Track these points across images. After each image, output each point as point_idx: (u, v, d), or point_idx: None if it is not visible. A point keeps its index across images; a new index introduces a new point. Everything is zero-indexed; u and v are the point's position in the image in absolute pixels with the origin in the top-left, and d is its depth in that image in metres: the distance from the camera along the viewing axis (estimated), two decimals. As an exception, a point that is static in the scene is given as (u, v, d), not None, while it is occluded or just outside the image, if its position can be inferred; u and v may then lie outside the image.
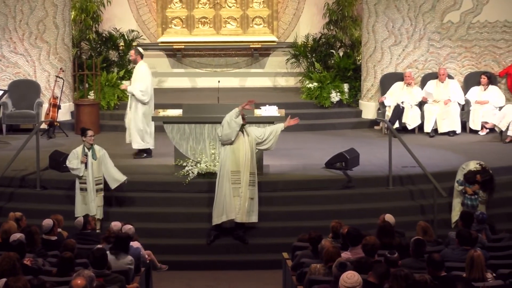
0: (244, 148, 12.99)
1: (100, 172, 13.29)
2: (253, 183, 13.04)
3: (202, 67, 20.39)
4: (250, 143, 13.04)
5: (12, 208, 12.97)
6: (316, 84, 18.65)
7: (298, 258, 10.63)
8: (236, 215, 12.99)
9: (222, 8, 20.15)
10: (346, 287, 8.31)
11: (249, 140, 13.05)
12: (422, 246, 9.91)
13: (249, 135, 13.08)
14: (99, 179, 13.29)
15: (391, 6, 17.91)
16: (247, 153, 12.99)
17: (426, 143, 16.58)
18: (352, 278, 8.36)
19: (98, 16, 19.54)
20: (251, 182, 13.01)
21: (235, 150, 13.00)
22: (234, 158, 12.97)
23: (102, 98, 18.10)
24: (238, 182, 12.95)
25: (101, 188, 13.29)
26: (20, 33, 17.72)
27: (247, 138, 13.05)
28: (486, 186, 13.36)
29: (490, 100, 17.46)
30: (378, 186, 14.23)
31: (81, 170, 13.19)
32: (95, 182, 13.20)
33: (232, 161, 12.98)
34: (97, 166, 13.27)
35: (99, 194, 13.26)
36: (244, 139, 13.03)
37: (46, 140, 16.66)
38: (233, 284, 12.50)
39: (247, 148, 13.01)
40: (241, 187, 12.94)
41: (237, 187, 12.95)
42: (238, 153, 12.98)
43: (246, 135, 13.06)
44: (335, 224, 11.19)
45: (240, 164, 12.95)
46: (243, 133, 13.05)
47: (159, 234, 13.33)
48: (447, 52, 18.14)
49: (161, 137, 15.49)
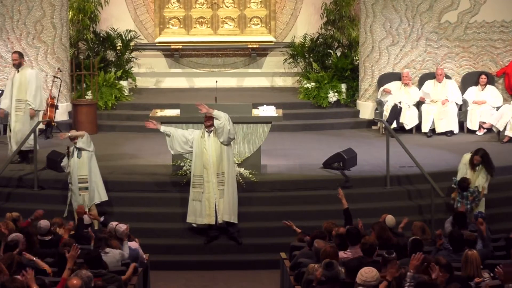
0: (209, 150, 12.92)
1: (83, 170, 13.17)
2: (223, 183, 12.96)
3: (200, 67, 20.37)
4: (215, 143, 12.94)
5: (9, 208, 12.93)
6: (314, 84, 18.63)
7: (296, 258, 10.62)
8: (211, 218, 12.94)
9: (220, 8, 20.13)
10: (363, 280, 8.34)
11: (216, 140, 12.95)
12: (419, 246, 9.92)
13: (216, 135, 12.99)
14: (84, 178, 13.18)
15: (389, 6, 17.89)
16: (212, 155, 12.92)
17: (423, 143, 16.56)
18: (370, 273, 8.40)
19: (96, 16, 19.51)
20: (220, 182, 12.95)
21: (198, 153, 12.97)
22: (198, 162, 12.95)
23: (100, 98, 18.07)
24: (200, 186, 12.93)
25: (85, 187, 13.19)
26: (17, 33, 17.68)
27: (212, 139, 12.95)
28: (485, 160, 13.44)
29: (488, 100, 17.44)
30: (375, 186, 14.23)
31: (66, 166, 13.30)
32: (78, 180, 13.13)
33: (195, 166, 12.98)
34: (81, 165, 13.14)
35: (83, 193, 13.17)
36: (209, 141, 12.95)
37: (43, 140, 16.62)
38: (230, 284, 12.48)
39: (212, 149, 12.93)
40: (205, 190, 12.89)
41: (199, 191, 12.94)
42: (202, 156, 12.93)
43: (214, 135, 12.97)
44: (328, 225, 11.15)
45: (203, 167, 12.91)
46: (209, 134, 12.97)
47: (156, 234, 13.31)
48: (445, 52, 18.12)
49: (158, 137, 15.45)
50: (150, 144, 16.37)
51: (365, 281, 8.36)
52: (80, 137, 13.18)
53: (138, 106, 18.34)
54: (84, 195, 13.13)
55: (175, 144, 13.15)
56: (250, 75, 20.32)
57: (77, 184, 13.11)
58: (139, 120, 17.61)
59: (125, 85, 18.90)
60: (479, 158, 13.49)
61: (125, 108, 18.47)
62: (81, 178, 13.14)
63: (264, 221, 13.48)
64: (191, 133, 13.17)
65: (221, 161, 12.93)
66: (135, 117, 17.93)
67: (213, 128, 12.96)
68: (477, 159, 13.50)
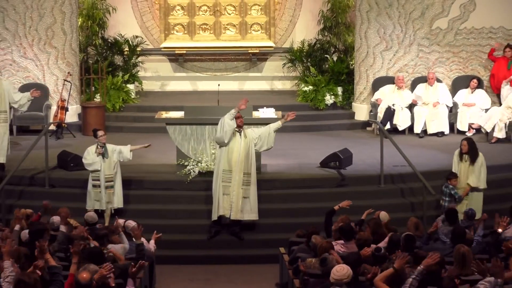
0: (238, 149, 12.95)
1: (111, 170, 13.28)
2: (248, 183, 12.99)
3: (203, 71, 20.37)
4: (246, 144, 12.99)
5: (22, 205, 12.94)
6: (312, 87, 18.63)
7: (294, 253, 10.63)
8: (229, 212, 12.97)
9: (222, 15, 20.13)
10: (335, 279, 8.28)
11: (246, 141, 13.00)
12: (412, 242, 9.92)
13: (246, 137, 13.04)
14: (110, 177, 13.28)
15: (383, 13, 17.90)
16: (241, 154, 12.95)
17: (416, 144, 16.57)
18: (341, 271, 8.33)
19: (104, 22, 19.51)
20: (245, 182, 12.96)
21: (229, 150, 12.98)
22: (228, 158, 12.96)
23: (108, 101, 18.08)
24: (228, 181, 12.93)
25: (111, 186, 13.28)
26: (29, 39, 17.70)
27: (243, 139, 13.00)
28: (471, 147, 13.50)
29: (477, 102, 17.45)
30: (370, 184, 14.24)
31: (98, 163, 13.27)
32: (105, 179, 13.21)
33: (225, 161, 12.97)
34: (108, 165, 13.26)
35: (109, 191, 13.25)
36: (239, 140, 12.99)
37: (54, 140, 16.63)
38: (231, 278, 12.49)
39: (242, 150, 12.96)
40: (232, 186, 12.90)
41: (227, 185, 12.94)
42: (232, 154, 12.96)
43: (244, 136, 13.02)
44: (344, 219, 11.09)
45: (232, 164, 12.93)
46: (240, 134, 13.01)
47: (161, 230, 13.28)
48: (436, 57, 18.13)
49: (163, 137, 15.48)
50: (155, 144, 16.35)
51: (337, 279, 8.27)
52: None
53: (144, 108, 18.34)
54: (110, 193, 13.25)
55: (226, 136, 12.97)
56: (250, 78, 20.32)
57: (105, 182, 13.24)
58: (145, 122, 17.67)
59: (132, 88, 18.90)
60: (465, 143, 13.51)
61: (132, 110, 18.48)
62: (108, 177, 13.29)
63: (264, 218, 13.48)
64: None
65: (248, 162, 12.96)
66: (141, 119, 17.96)
67: (243, 129, 12.99)
68: (464, 144, 13.51)
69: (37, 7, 17.61)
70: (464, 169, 13.50)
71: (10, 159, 14.65)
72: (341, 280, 8.24)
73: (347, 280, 8.26)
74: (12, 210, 13.32)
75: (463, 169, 13.51)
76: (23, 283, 7.86)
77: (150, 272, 11.20)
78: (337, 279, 8.25)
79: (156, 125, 16.01)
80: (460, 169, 13.53)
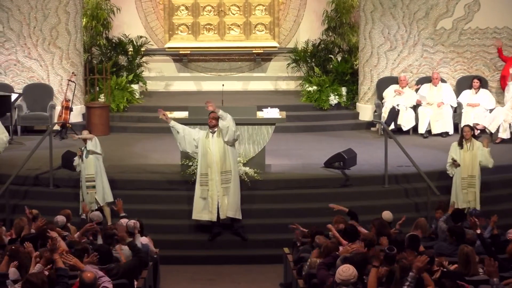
0: (212, 150, 12.90)
1: (90, 170, 13.19)
2: (227, 181, 12.94)
3: (207, 71, 20.35)
4: (219, 143, 12.91)
5: (26, 205, 12.90)
6: (316, 87, 18.60)
7: (298, 253, 10.59)
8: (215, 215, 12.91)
9: (226, 15, 20.10)
10: (341, 279, 8.26)
11: (219, 140, 12.91)
12: (416, 242, 9.88)
13: (220, 136, 12.96)
14: (91, 177, 13.19)
15: (387, 14, 17.86)
16: (216, 155, 12.89)
17: (420, 144, 16.53)
18: (347, 271, 8.31)
19: (108, 23, 19.50)
20: (224, 181, 12.92)
21: (203, 153, 12.96)
22: (203, 161, 12.94)
23: (112, 101, 18.06)
24: (206, 184, 12.91)
25: (93, 186, 13.19)
26: (34, 39, 17.69)
27: (216, 139, 12.92)
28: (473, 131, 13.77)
29: (481, 103, 17.40)
30: (374, 184, 14.20)
31: (77, 165, 13.31)
32: (85, 179, 13.15)
33: (201, 165, 12.96)
34: (88, 165, 13.19)
35: (90, 191, 13.17)
36: (212, 141, 12.93)
37: (58, 140, 16.61)
38: (235, 278, 12.46)
39: (216, 150, 12.90)
40: (211, 188, 12.87)
41: (205, 189, 12.91)
42: (206, 156, 12.92)
43: (217, 136, 12.95)
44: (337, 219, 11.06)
45: (207, 166, 12.89)
46: (213, 135, 12.96)
47: (165, 230, 13.30)
48: (440, 57, 18.08)
49: (168, 138, 15.44)
50: (159, 144, 16.36)
51: (343, 280, 8.25)
52: (88, 140, 13.23)
53: (149, 108, 18.31)
54: (91, 193, 13.14)
55: (184, 142, 13.15)
56: (255, 79, 20.29)
57: (85, 182, 13.15)
58: (149, 122, 17.64)
59: (136, 89, 18.88)
60: (468, 129, 13.52)
61: (136, 110, 18.46)
62: (88, 177, 13.17)
63: (268, 218, 13.46)
64: (197, 133, 13.16)
65: (225, 161, 12.91)
66: (145, 119, 17.93)
67: (217, 129, 12.95)
68: (466, 131, 13.49)
69: (42, 7, 17.59)
70: (469, 156, 13.44)
71: (14, 159, 14.64)
72: (348, 280, 8.23)
73: (354, 280, 8.24)
74: (16, 210, 13.31)
75: (468, 156, 13.45)
76: (31, 283, 7.88)
77: (154, 272, 11.18)
78: (344, 280, 8.23)
79: (160, 125, 15.97)
80: (463, 158, 13.47)
